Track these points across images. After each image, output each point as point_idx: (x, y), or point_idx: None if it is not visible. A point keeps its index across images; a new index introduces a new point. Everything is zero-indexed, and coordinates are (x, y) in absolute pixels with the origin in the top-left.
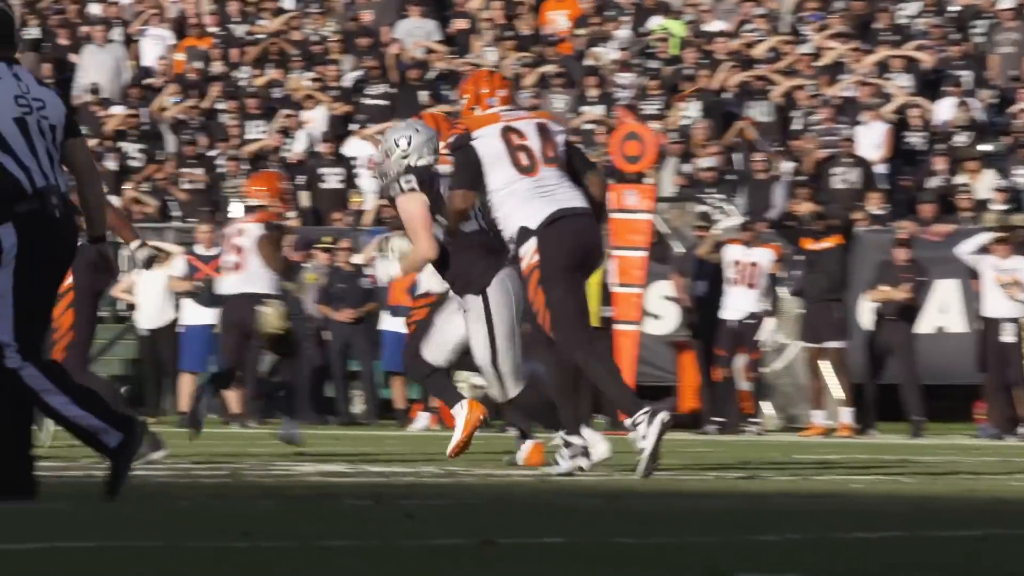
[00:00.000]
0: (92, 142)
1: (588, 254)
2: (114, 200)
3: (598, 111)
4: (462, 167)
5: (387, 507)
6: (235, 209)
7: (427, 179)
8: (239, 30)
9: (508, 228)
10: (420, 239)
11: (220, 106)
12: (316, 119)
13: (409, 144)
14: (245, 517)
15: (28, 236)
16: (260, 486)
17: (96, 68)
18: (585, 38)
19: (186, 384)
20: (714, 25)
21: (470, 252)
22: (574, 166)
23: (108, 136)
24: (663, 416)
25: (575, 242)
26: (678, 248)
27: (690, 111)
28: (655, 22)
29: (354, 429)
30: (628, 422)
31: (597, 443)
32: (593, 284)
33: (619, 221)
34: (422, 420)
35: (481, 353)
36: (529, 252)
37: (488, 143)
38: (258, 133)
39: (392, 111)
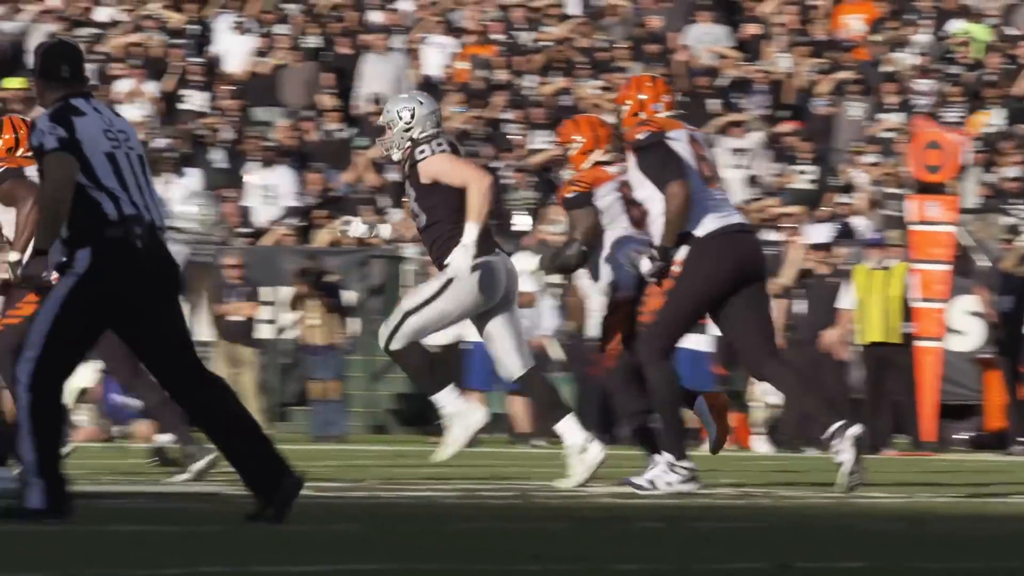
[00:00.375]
0: (373, 152)
1: (754, 269)
2: (396, 214)
3: (897, 119)
4: (665, 160)
5: (680, 529)
6: (521, 221)
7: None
8: (524, 37)
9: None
10: (473, 176)
11: (505, 116)
12: None
13: (412, 116)
14: (534, 539)
15: (103, 262)
16: (548, 507)
17: (377, 77)
18: (882, 43)
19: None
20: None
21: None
22: None
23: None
24: (855, 431)
25: (741, 254)
26: (982, 261)
27: (993, 118)
28: (956, 26)
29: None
30: (826, 435)
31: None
32: (894, 299)
33: (921, 233)
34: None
35: (410, 300)
36: (683, 259)
37: (679, 146)
38: (544, 143)
39: (681, 120)
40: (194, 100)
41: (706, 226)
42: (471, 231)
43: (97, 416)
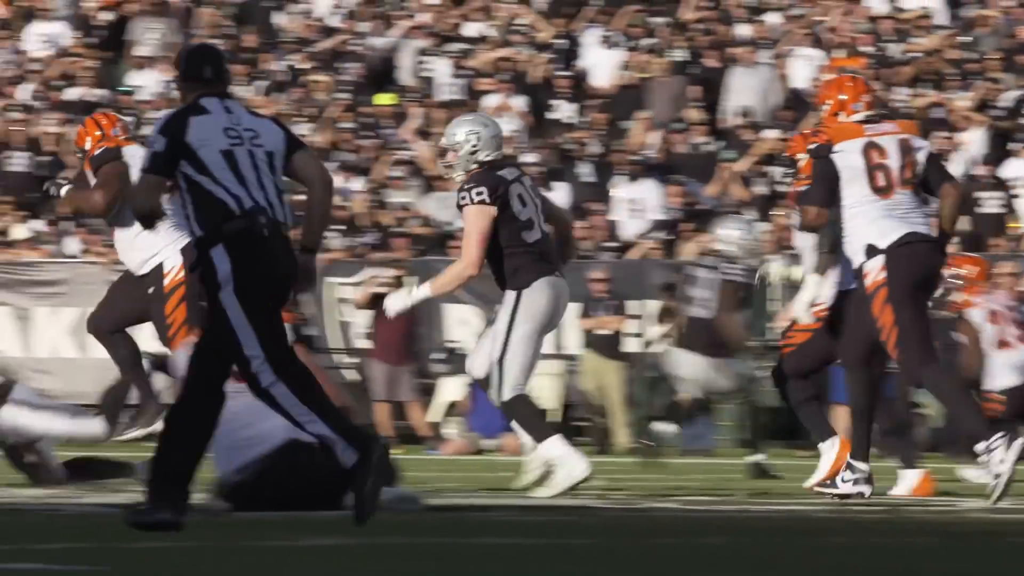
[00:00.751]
0: (740, 165)
1: (930, 279)
2: (762, 226)
3: None
4: (818, 180)
5: None
6: None
7: (496, 186)
8: (892, 49)
9: (853, 243)
10: (470, 254)
11: None
12: (974, 141)
13: (479, 140)
14: (902, 554)
15: (239, 256)
16: (917, 522)
17: (744, 90)
18: None
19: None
20: None
21: (524, 256)
22: (930, 178)
23: (758, 160)
24: (1022, 440)
25: (921, 265)
26: None
27: None
28: None
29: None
30: (981, 447)
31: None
32: None
33: None
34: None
35: (493, 346)
36: (875, 270)
37: (848, 158)
38: None
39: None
40: (562, 113)
41: (886, 237)
42: (423, 291)
43: (465, 429)
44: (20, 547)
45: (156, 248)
